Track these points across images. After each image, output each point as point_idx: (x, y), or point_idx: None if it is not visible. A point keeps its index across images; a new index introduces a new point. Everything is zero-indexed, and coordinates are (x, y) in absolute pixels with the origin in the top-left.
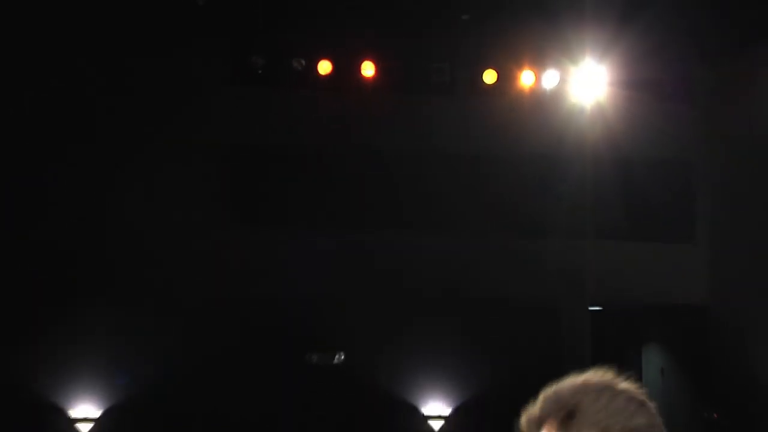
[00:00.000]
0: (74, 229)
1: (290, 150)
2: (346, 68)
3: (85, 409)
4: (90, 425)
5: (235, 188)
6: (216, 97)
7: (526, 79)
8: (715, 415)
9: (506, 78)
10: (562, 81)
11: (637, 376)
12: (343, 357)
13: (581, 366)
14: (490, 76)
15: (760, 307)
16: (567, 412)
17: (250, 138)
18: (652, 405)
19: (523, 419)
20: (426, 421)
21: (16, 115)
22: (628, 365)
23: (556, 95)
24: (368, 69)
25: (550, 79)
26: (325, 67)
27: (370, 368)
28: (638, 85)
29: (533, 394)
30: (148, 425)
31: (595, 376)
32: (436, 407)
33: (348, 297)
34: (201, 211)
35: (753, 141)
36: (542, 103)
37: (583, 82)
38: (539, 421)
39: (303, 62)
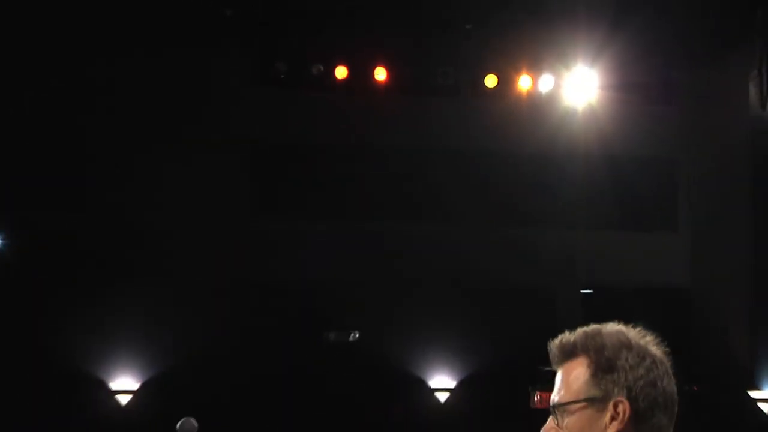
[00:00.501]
0: (109, 217)
1: (308, 146)
2: (361, 73)
3: (125, 382)
4: (129, 397)
5: (261, 181)
6: (243, 98)
7: (523, 83)
8: (695, 388)
9: (506, 82)
10: (557, 85)
11: None
12: (357, 335)
13: None
14: (491, 80)
15: (736, 290)
16: (606, 363)
17: (272, 135)
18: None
19: (557, 342)
20: (433, 394)
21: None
22: None
23: (551, 98)
24: (380, 74)
25: (545, 83)
26: (341, 71)
27: (382, 345)
28: (627, 88)
29: (530, 369)
30: (182, 396)
31: (637, 335)
32: (442, 381)
33: (361, 281)
34: (227, 202)
35: (731, 140)
36: (538, 105)
37: (576, 86)
38: (572, 350)
39: (321, 67)
